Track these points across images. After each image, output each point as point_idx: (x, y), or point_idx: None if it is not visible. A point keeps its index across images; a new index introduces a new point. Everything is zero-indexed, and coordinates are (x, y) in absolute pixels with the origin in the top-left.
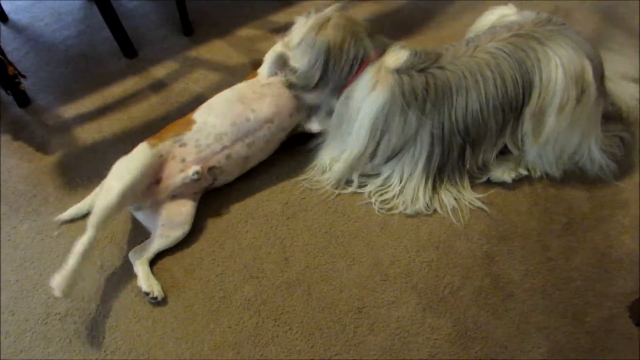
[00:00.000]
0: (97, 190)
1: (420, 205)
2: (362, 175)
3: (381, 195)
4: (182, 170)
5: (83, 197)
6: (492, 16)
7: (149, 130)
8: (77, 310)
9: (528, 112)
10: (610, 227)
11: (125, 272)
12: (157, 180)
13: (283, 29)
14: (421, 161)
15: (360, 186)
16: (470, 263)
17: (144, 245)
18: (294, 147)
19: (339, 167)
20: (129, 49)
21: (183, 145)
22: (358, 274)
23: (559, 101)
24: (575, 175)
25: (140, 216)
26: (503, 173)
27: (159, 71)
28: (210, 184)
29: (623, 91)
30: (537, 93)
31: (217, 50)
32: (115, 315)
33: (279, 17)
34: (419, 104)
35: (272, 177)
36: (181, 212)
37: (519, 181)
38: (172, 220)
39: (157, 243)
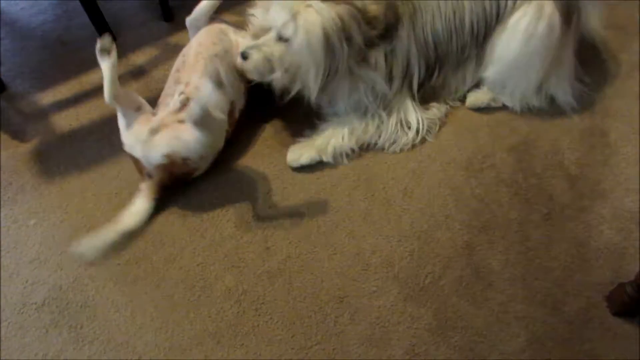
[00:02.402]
0: None
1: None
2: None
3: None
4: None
5: (60, 186)
6: None
7: None
8: (54, 299)
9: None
10: (590, 218)
11: (103, 260)
12: None
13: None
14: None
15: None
16: (451, 253)
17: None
18: (274, 137)
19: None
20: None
21: (160, 104)
22: (339, 263)
23: (513, 27)
24: (555, 166)
25: (158, 141)
26: (476, 99)
27: (139, 57)
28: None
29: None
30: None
31: None
32: (93, 305)
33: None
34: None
35: (253, 167)
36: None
37: (499, 170)
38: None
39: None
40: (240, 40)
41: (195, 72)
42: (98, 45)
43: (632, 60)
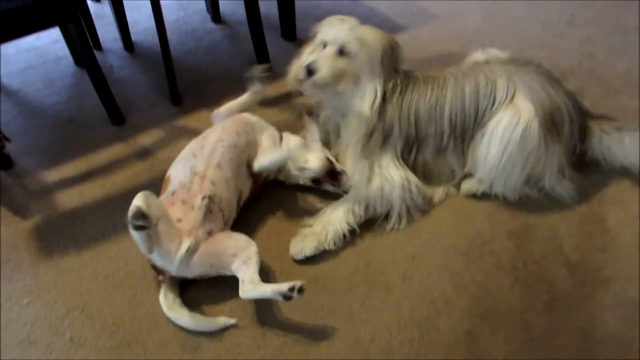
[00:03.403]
0: None
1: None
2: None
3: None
4: (191, 208)
5: (57, 264)
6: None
7: (131, 196)
8: None
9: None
10: (593, 306)
11: (94, 343)
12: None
13: (269, 102)
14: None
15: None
16: (451, 341)
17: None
18: (272, 224)
19: None
20: (117, 116)
21: (174, 193)
22: (337, 351)
23: (491, 132)
24: (555, 252)
25: (197, 263)
26: (470, 187)
27: (146, 139)
28: (225, 217)
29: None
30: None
31: (204, 120)
32: None
33: (266, 91)
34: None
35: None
36: (232, 237)
37: (499, 256)
38: (236, 247)
39: (248, 267)
40: (264, 140)
41: (212, 162)
42: (131, 224)
43: None
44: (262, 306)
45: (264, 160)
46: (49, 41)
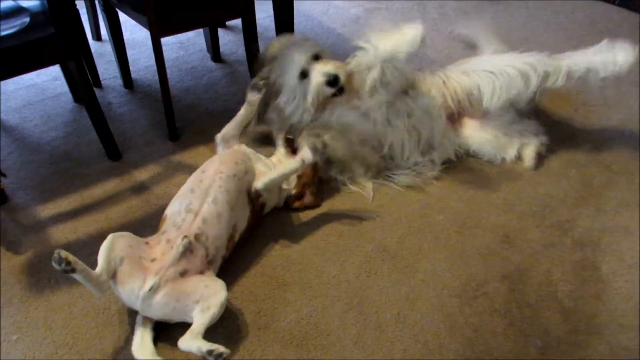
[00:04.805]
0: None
1: None
2: None
3: None
4: (171, 247)
5: (48, 299)
6: None
7: (125, 231)
8: None
9: None
10: (587, 354)
11: None
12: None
13: (265, 140)
14: None
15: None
16: None
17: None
18: (265, 257)
19: None
20: (114, 152)
21: (164, 232)
22: None
23: None
24: (549, 297)
25: (160, 304)
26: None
27: (142, 174)
28: (208, 256)
29: None
30: None
31: (201, 156)
32: None
33: (264, 128)
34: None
35: (244, 286)
36: (204, 282)
37: (493, 299)
38: (202, 293)
39: (201, 317)
40: (261, 167)
41: (208, 197)
42: (59, 269)
43: (618, 197)
44: (254, 344)
45: (268, 176)
46: (49, 78)
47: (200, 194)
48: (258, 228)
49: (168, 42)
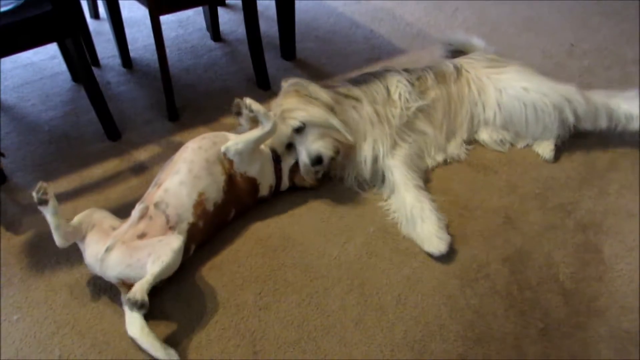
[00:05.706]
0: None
1: None
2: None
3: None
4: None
5: (49, 280)
6: None
7: (124, 211)
8: None
9: None
10: (587, 335)
11: None
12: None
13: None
14: None
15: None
16: None
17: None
18: (266, 237)
19: None
20: (113, 132)
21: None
22: None
23: None
24: (550, 279)
25: (115, 261)
26: None
27: (141, 154)
28: (169, 222)
29: None
30: None
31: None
32: None
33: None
34: None
35: (245, 266)
36: (159, 239)
37: (494, 281)
38: (155, 247)
39: (151, 268)
40: (232, 137)
41: (173, 169)
42: (35, 198)
43: (620, 179)
44: (255, 324)
45: (233, 140)
46: (47, 57)
47: (169, 170)
48: (259, 209)
49: (167, 20)
